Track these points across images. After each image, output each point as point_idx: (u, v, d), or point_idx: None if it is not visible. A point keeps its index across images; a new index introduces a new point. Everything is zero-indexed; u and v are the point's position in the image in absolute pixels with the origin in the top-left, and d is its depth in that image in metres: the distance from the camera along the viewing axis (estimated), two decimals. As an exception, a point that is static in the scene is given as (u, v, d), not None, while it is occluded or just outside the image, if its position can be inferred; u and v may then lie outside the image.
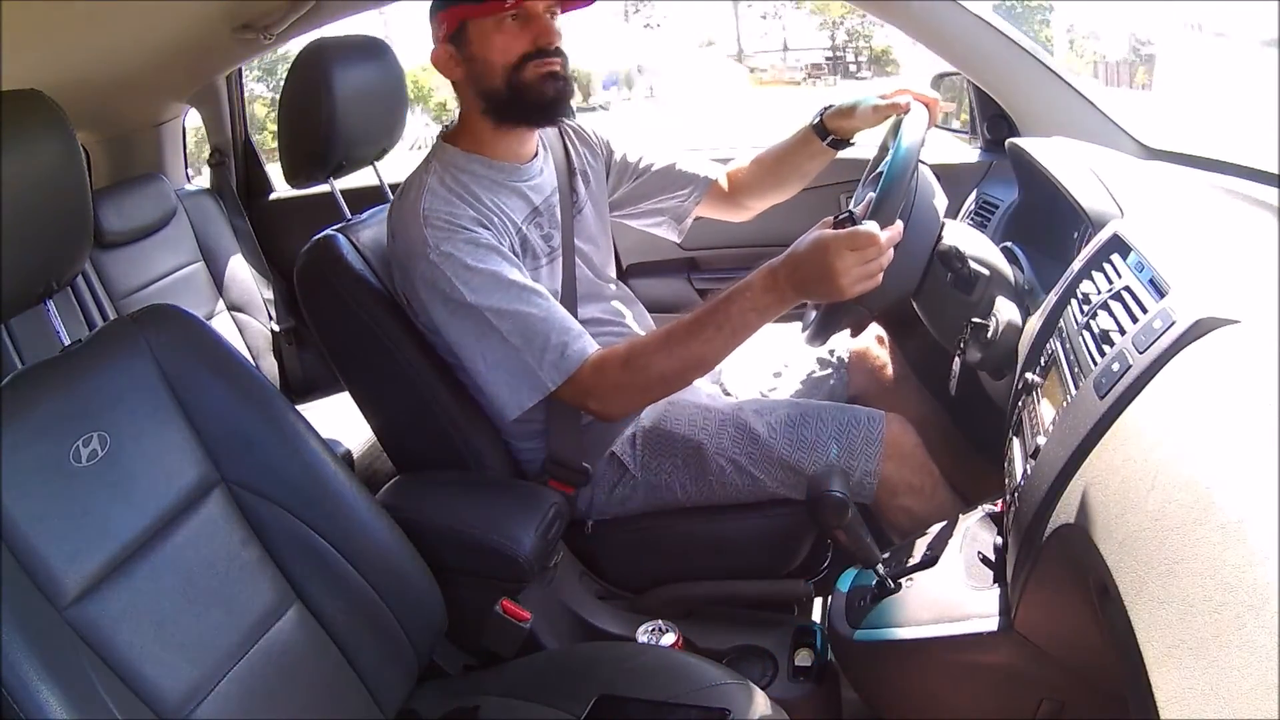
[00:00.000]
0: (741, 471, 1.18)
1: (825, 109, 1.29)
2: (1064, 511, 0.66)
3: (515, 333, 1.07)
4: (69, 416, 0.83)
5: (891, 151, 1.07)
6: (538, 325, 1.07)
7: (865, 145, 1.34)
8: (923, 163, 1.11)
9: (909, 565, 0.98)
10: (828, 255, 0.96)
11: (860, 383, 1.40)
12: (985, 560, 0.91)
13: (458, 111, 1.20)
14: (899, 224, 1.00)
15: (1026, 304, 1.06)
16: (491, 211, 1.12)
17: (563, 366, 1.07)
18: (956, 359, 1.08)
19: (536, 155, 1.22)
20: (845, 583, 1.03)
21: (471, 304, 1.06)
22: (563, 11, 1.15)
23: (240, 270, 2.08)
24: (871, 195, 1.06)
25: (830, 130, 1.28)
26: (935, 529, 1.03)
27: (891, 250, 0.98)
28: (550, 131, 1.27)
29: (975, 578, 0.90)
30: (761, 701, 0.91)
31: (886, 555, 1.02)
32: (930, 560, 0.96)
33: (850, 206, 1.10)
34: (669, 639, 1.10)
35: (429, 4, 1.17)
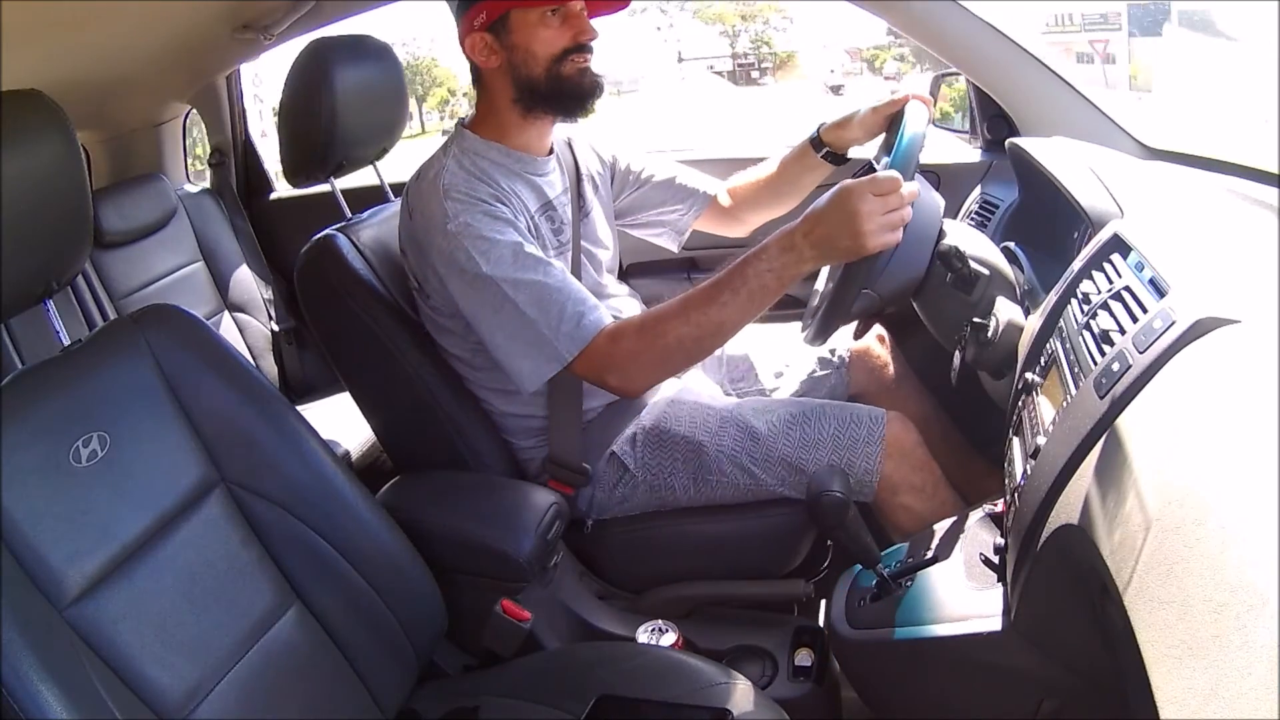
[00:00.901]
0: (742, 470, 1.18)
1: (821, 124, 1.31)
2: (1064, 511, 0.66)
3: (531, 303, 1.06)
4: (69, 416, 0.83)
5: (900, 130, 1.08)
6: (554, 295, 1.07)
7: (866, 149, 1.35)
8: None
9: (909, 565, 0.98)
10: (851, 199, 0.96)
11: (861, 382, 1.40)
12: (986, 560, 0.91)
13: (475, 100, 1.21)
14: (915, 184, 1.00)
15: (1026, 304, 1.06)
16: (508, 194, 1.13)
17: (578, 336, 1.06)
18: (956, 353, 1.08)
19: (551, 153, 1.24)
20: (845, 582, 1.03)
21: (487, 274, 1.06)
22: (589, 16, 1.16)
23: (240, 270, 2.08)
24: (886, 159, 1.06)
25: (826, 143, 1.30)
26: (937, 529, 1.03)
27: (909, 209, 0.97)
28: (559, 137, 1.28)
29: (975, 578, 0.90)
30: (761, 701, 0.91)
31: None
32: (930, 560, 0.96)
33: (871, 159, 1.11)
34: (669, 639, 1.10)
35: (430, 3, 1.17)
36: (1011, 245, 1.20)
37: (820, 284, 1.28)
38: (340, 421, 1.68)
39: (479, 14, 1.13)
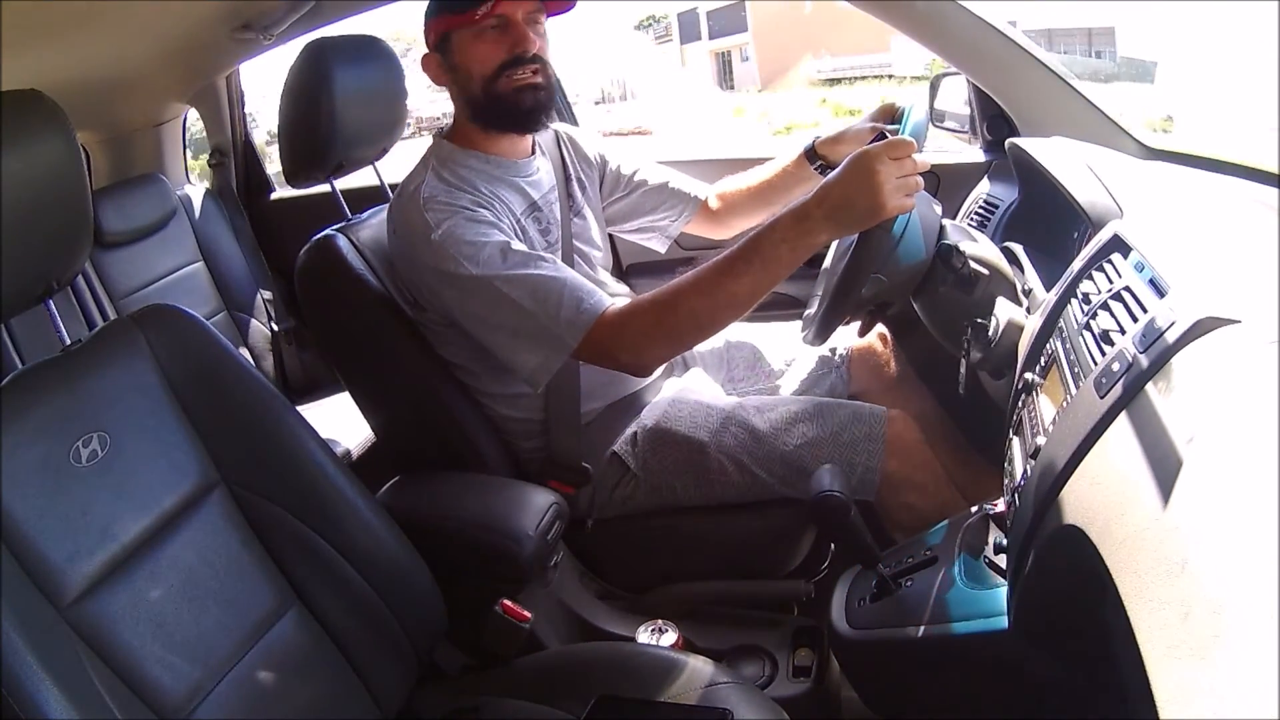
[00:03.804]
0: (743, 470, 1.18)
1: (816, 138, 1.32)
2: (1064, 511, 0.66)
3: (528, 296, 1.05)
4: (69, 416, 0.83)
5: (907, 114, 1.09)
6: (550, 284, 1.06)
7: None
8: None
9: (909, 565, 0.98)
10: (868, 160, 0.94)
11: (862, 381, 1.40)
12: (987, 560, 0.91)
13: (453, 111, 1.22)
14: (925, 158, 1.00)
15: (1026, 304, 1.06)
16: (490, 199, 1.13)
17: (580, 321, 1.04)
18: (963, 361, 1.08)
19: (533, 154, 1.24)
20: (845, 582, 1.03)
21: (478, 276, 1.05)
22: (547, 16, 1.16)
23: (240, 270, 2.08)
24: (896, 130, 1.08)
25: (820, 157, 1.31)
26: (938, 528, 1.03)
27: (921, 179, 0.97)
28: (547, 137, 1.28)
29: (976, 578, 0.90)
30: (761, 701, 0.91)
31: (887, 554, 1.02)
32: (930, 560, 0.96)
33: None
34: (669, 639, 1.10)
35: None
36: (1011, 245, 1.20)
37: (824, 276, 1.28)
38: (340, 421, 1.68)
39: (429, 35, 1.15)
